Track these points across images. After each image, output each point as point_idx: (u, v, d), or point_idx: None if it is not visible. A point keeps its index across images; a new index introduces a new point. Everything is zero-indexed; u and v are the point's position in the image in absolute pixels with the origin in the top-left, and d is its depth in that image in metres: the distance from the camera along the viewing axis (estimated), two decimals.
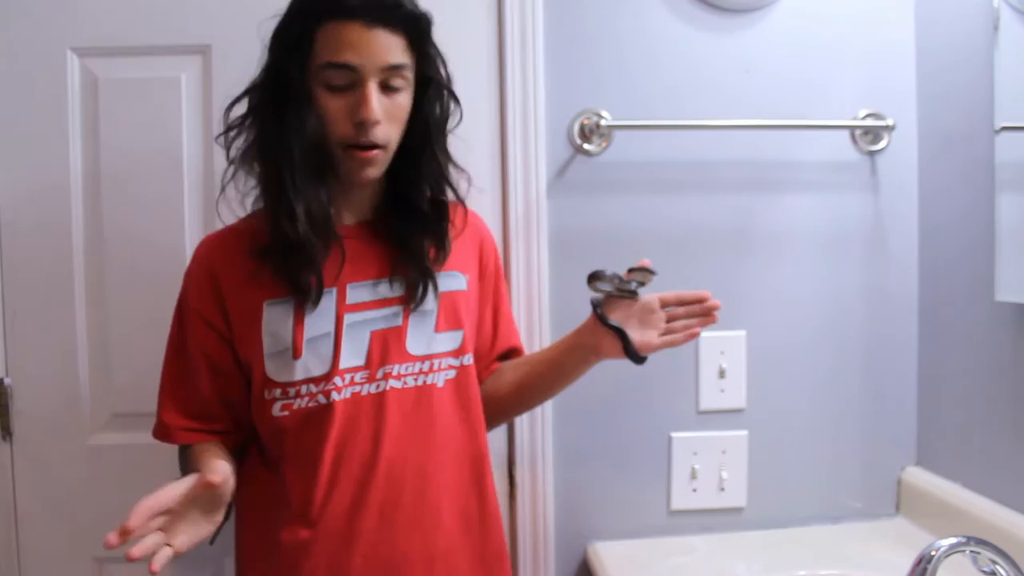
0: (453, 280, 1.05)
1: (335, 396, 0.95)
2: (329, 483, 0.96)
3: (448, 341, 1.02)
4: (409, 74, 0.94)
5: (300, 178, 0.92)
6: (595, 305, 1.04)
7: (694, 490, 1.34)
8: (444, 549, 1.00)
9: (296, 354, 0.95)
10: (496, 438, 1.32)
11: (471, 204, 1.10)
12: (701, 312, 1.02)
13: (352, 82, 0.90)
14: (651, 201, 1.32)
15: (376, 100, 0.90)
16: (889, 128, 1.33)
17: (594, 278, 1.02)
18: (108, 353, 1.27)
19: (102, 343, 1.27)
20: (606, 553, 1.27)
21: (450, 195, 1.04)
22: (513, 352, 1.17)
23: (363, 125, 0.90)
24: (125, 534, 0.77)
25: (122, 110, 1.25)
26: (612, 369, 1.30)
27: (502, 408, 1.14)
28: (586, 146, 1.30)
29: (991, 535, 0.89)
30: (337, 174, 0.96)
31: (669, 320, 1.04)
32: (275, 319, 0.96)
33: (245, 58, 1.25)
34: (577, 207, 1.31)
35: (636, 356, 1.02)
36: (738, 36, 1.32)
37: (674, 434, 1.33)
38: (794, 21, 1.33)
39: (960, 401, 1.27)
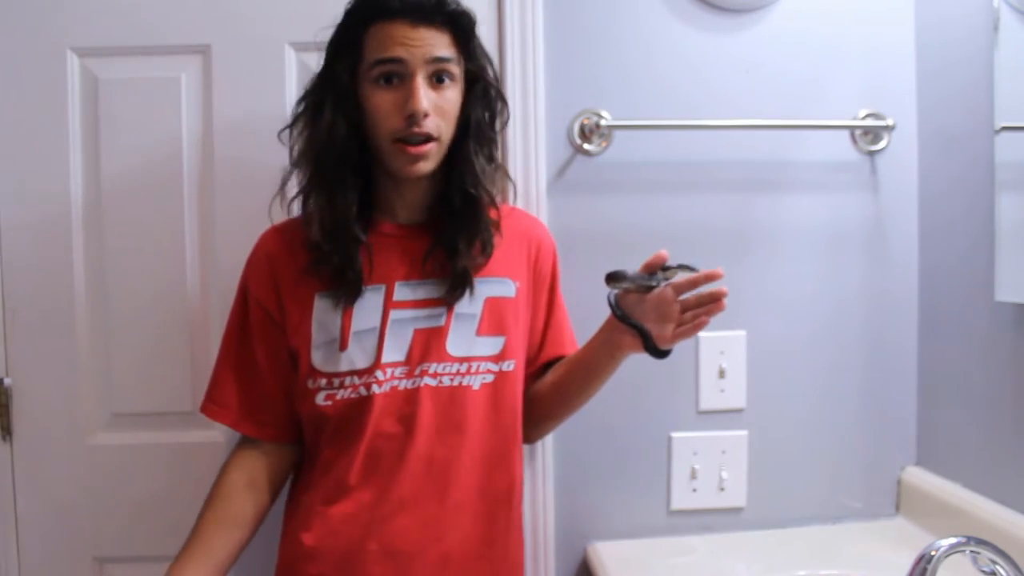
0: (501, 286, 1.06)
1: (376, 389, 0.98)
2: (362, 472, 0.99)
3: (488, 346, 1.03)
4: (456, 69, 0.97)
5: (331, 181, 0.97)
6: (612, 303, 1.01)
7: (694, 490, 1.34)
8: (461, 552, 1.01)
9: (343, 346, 0.99)
10: None
11: None
12: (709, 299, 0.97)
13: (401, 77, 0.94)
14: (651, 201, 1.32)
15: (424, 91, 0.93)
16: (889, 128, 1.33)
17: (614, 279, 0.97)
18: (108, 353, 1.27)
19: (102, 343, 1.27)
20: (606, 553, 1.27)
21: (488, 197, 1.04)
22: (562, 359, 1.15)
23: (414, 116, 0.93)
24: None
25: (122, 110, 1.25)
26: None
27: (547, 410, 1.14)
28: (586, 146, 1.30)
29: (991, 535, 0.89)
30: (389, 172, 1.00)
31: (682, 310, 0.99)
32: (325, 310, 1.00)
33: (245, 58, 1.26)
34: (577, 207, 1.31)
35: (657, 351, 0.99)
36: (738, 36, 1.32)
37: (674, 434, 1.33)
38: (794, 21, 1.33)
39: (960, 401, 1.27)
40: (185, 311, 1.27)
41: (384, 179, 1.03)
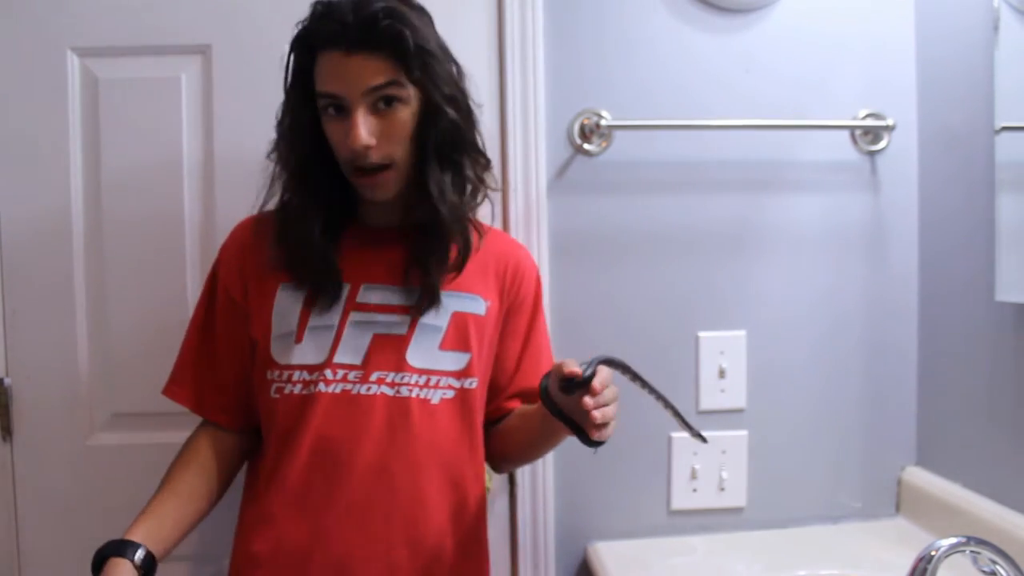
0: (471, 303, 1.04)
1: (323, 388, 0.97)
2: (305, 472, 0.97)
3: (452, 361, 1.01)
4: (403, 91, 0.93)
5: (300, 193, 0.99)
6: (544, 397, 0.91)
7: (694, 490, 1.34)
8: (410, 567, 0.99)
9: (298, 338, 0.98)
10: None
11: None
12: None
13: (343, 109, 0.93)
14: (651, 201, 1.32)
15: (363, 125, 0.92)
16: (889, 128, 1.33)
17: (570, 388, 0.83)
18: (108, 353, 1.27)
19: (102, 343, 1.27)
20: (606, 553, 1.27)
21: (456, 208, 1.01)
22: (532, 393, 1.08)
23: (355, 151, 0.93)
24: None
25: (122, 110, 1.25)
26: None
27: (508, 453, 1.11)
28: (586, 146, 1.30)
29: (991, 535, 0.89)
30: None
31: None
32: (286, 302, 1.00)
33: (245, 58, 1.26)
34: (577, 207, 1.31)
35: (591, 442, 0.89)
36: (738, 36, 1.32)
37: (674, 434, 1.33)
38: (794, 21, 1.33)
39: (960, 401, 1.27)
40: (185, 311, 1.27)
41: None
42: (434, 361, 1.01)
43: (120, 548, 0.91)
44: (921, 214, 1.36)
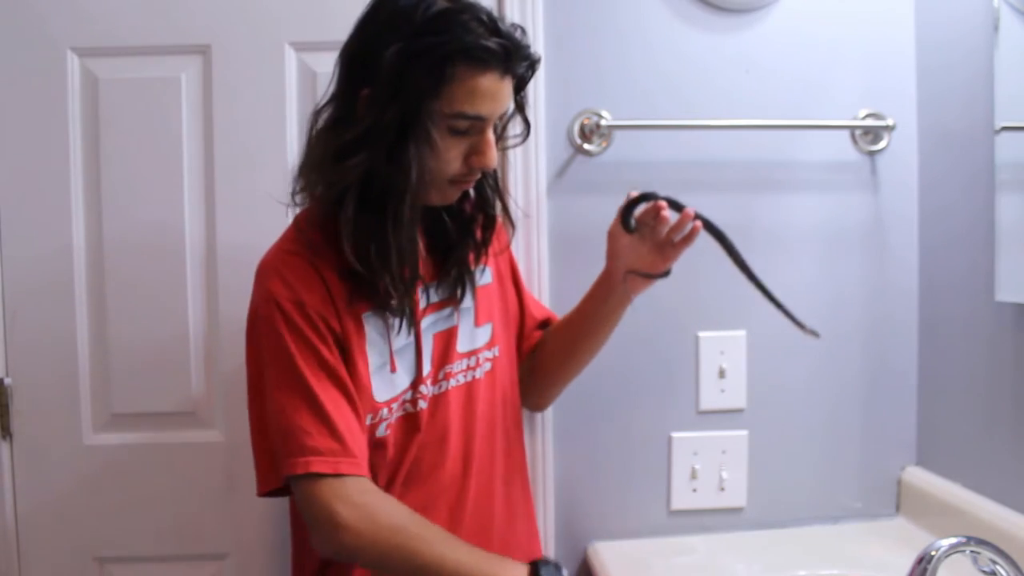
0: (482, 274, 1.07)
1: (422, 405, 0.97)
2: (404, 488, 0.96)
3: (484, 335, 1.05)
4: None
5: (404, 219, 0.88)
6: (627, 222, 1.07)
7: (694, 490, 1.34)
8: (502, 531, 1.04)
9: (393, 367, 0.95)
10: None
11: None
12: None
13: (472, 127, 0.89)
14: None
15: (493, 147, 0.91)
16: (889, 128, 1.33)
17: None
18: (108, 353, 1.27)
19: (102, 343, 1.27)
20: (606, 553, 1.27)
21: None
22: (548, 321, 1.19)
23: (482, 171, 0.92)
24: None
25: (122, 110, 1.25)
26: (612, 369, 1.31)
27: (554, 377, 1.17)
28: (586, 146, 1.30)
29: (991, 535, 0.89)
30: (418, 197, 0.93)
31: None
32: (374, 331, 0.94)
33: (245, 58, 1.26)
34: (577, 207, 1.31)
35: (659, 275, 1.08)
36: (738, 36, 1.32)
37: (674, 434, 1.33)
38: (794, 21, 1.33)
39: (960, 401, 1.27)
40: (184, 311, 1.27)
41: None
42: (474, 340, 1.04)
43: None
44: (921, 214, 1.36)
